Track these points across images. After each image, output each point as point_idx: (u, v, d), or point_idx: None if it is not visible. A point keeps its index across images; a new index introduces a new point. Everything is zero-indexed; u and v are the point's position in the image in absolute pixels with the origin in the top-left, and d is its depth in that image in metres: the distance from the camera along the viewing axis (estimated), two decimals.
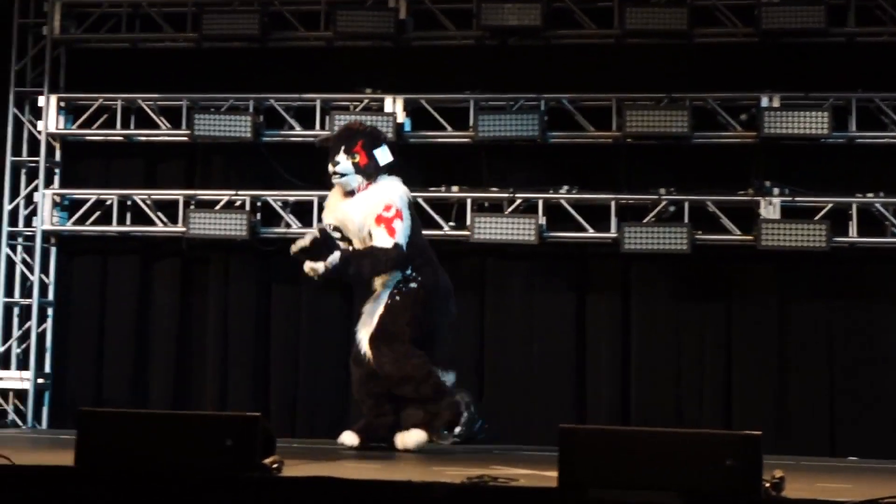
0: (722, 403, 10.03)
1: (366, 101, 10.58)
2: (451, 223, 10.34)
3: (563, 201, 10.21)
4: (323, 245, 8.13)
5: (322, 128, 10.49)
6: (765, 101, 10.01)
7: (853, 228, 9.89)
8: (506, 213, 10.22)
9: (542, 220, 10.14)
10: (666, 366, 10.13)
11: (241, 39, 10.65)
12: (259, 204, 10.57)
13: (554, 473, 5.15)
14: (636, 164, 10.38)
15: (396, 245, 7.99)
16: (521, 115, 10.22)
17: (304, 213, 10.52)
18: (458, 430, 9.62)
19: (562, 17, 10.42)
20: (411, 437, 8.12)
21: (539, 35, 10.35)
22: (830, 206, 9.90)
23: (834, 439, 9.86)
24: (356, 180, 8.17)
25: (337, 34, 10.49)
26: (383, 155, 8.28)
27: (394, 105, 10.47)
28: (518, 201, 10.27)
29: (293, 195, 10.54)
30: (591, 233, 10.18)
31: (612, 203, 10.16)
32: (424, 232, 10.21)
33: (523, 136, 10.19)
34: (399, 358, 8.07)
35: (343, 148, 8.18)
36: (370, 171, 8.19)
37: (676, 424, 9.65)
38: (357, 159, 8.16)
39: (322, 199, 10.25)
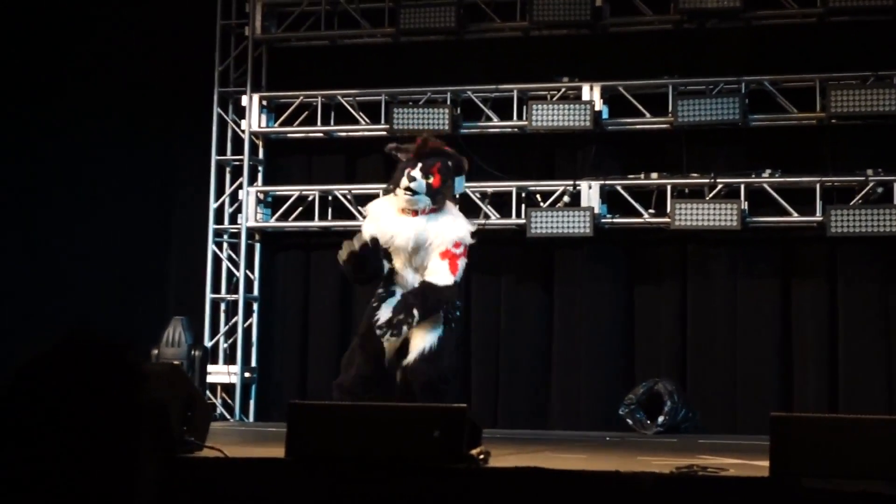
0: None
1: (563, 89, 10.54)
2: (651, 210, 10.24)
3: (765, 185, 10.02)
4: (372, 253, 7.61)
5: (520, 118, 10.50)
6: None
7: None
8: (707, 198, 10.07)
9: (745, 205, 9.96)
10: (875, 351, 9.85)
11: (438, 33, 10.73)
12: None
13: (764, 463, 5.04)
14: (841, 145, 10.13)
15: (456, 283, 7.67)
16: (722, 99, 10.06)
17: (502, 204, 10.53)
18: (661, 419, 9.58)
19: None
20: None
21: (738, 17, 10.17)
22: None
23: None
24: (424, 201, 7.60)
25: (533, 23, 10.48)
26: (459, 185, 7.86)
27: (591, 93, 10.41)
28: (719, 186, 10.11)
29: (492, 186, 10.55)
30: (795, 217, 9.96)
31: (817, 186, 9.92)
32: (626, 220, 10.21)
33: (724, 119, 10.03)
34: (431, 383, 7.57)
35: (420, 165, 7.61)
36: (439, 196, 7.66)
37: (887, 412, 9.37)
38: (431, 180, 7.59)
39: (521, 191, 10.33)
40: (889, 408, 9.61)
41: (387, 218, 7.69)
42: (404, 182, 7.57)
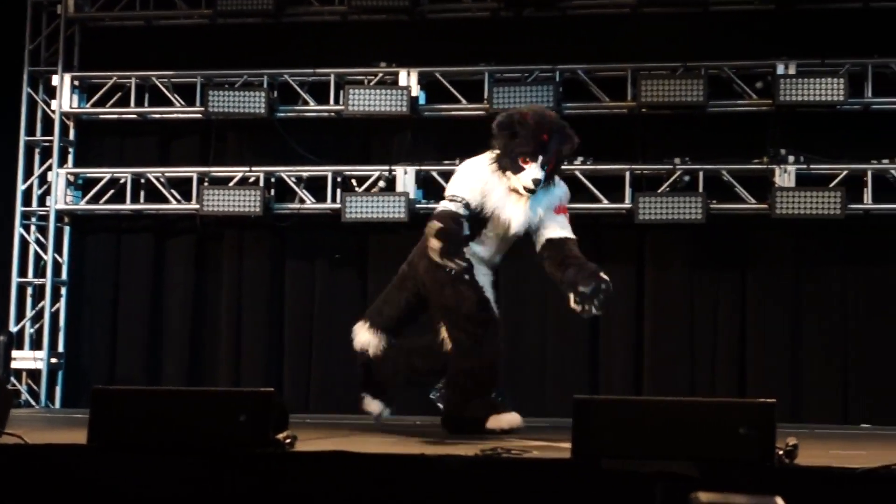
0: (736, 372, 10.01)
1: (380, 74, 10.55)
2: None
3: (577, 172, 10.16)
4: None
5: (336, 102, 10.48)
6: (780, 69, 9.96)
7: (868, 195, 9.84)
8: None
9: None
10: (680, 336, 10.11)
11: (255, 15, 10.64)
12: (273, 180, 10.57)
13: (568, 445, 5.13)
14: (651, 135, 10.35)
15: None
16: (536, 87, 10.18)
17: (318, 188, 10.51)
18: None
19: None
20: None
21: (554, 6, 10.32)
22: (845, 173, 9.85)
23: (847, 407, 9.85)
24: (540, 189, 7.27)
25: (351, 8, 10.47)
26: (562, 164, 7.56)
27: (408, 79, 10.45)
28: None
29: (307, 171, 10.53)
30: (605, 203, 10.15)
31: (627, 173, 10.14)
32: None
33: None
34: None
35: (541, 158, 7.16)
36: (550, 177, 7.32)
37: (690, 394, 9.61)
38: (547, 168, 7.23)
39: (337, 175, 10.32)
40: (691, 390, 9.87)
41: (498, 196, 7.27)
42: (527, 183, 7.14)
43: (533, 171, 7.12)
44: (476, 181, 7.29)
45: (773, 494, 3.91)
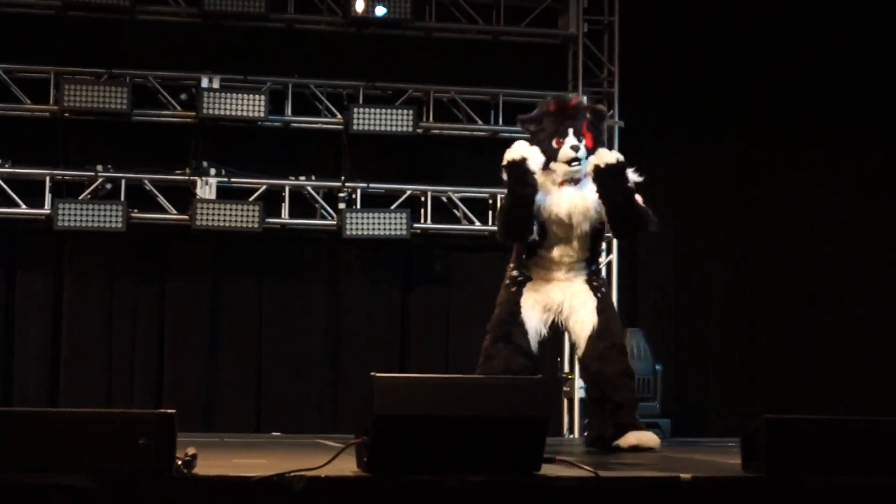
0: (154, 383, 10.06)
1: None
2: None
3: None
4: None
5: None
6: (205, 82, 10.11)
7: (286, 210, 10.17)
8: None
9: None
10: (99, 347, 10.04)
11: None
12: None
13: None
14: (74, 140, 10.22)
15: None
16: None
17: None
18: None
19: None
20: (649, 436, 7.11)
21: None
22: (265, 187, 10.16)
23: (260, 415, 10.15)
24: (586, 167, 7.01)
25: None
26: (601, 139, 7.23)
27: None
28: None
29: None
30: (24, 209, 9.89)
31: (47, 178, 9.93)
32: None
33: None
34: (621, 357, 7.16)
35: (572, 130, 7.01)
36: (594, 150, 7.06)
37: (108, 406, 9.55)
38: (584, 142, 7.03)
39: None
40: (109, 402, 9.79)
41: (551, 193, 7.00)
42: (568, 154, 6.93)
43: (568, 141, 6.99)
44: (532, 157, 6.99)
45: None
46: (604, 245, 10.54)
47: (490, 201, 10.51)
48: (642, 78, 10.78)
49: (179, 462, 5.03)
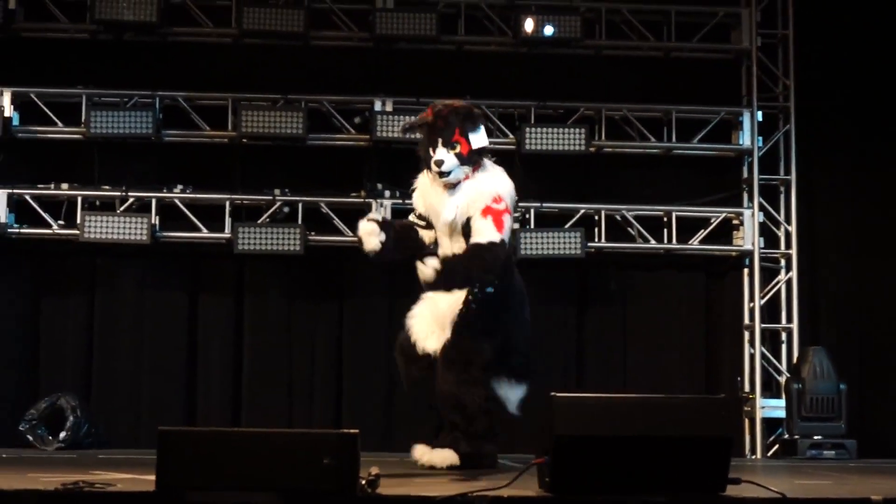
0: (333, 403, 10.17)
1: None
2: (61, 222, 10.06)
3: (176, 200, 10.11)
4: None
5: None
6: (378, 105, 10.23)
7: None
8: (118, 211, 10.02)
9: (156, 220, 10.00)
10: (278, 367, 10.18)
11: None
12: None
13: (154, 477, 5.07)
14: (251, 165, 10.40)
15: (503, 241, 7.09)
16: (136, 112, 10.05)
17: None
18: (63, 434, 9.41)
19: (179, 14, 10.32)
20: (442, 456, 7.23)
21: (155, 31, 10.20)
22: None
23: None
24: (462, 172, 7.19)
25: None
26: (479, 139, 7.29)
27: (1, 98, 10.08)
28: (131, 200, 10.10)
29: None
30: (204, 233, 10.11)
31: (227, 203, 10.13)
32: (34, 230, 9.98)
33: (137, 133, 10.02)
34: (463, 384, 7.14)
35: (441, 141, 7.18)
36: (474, 159, 7.22)
37: (288, 426, 9.69)
38: (458, 149, 7.17)
39: None
40: (289, 422, 9.94)
41: (427, 193, 7.38)
42: (433, 168, 7.18)
43: (437, 153, 7.17)
44: (417, 190, 7.47)
45: None
46: (783, 262, 10.40)
47: (665, 219, 10.41)
48: (819, 92, 10.58)
49: (363, 482, 5.08)
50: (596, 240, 10.31)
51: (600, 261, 10.42)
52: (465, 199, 7.14)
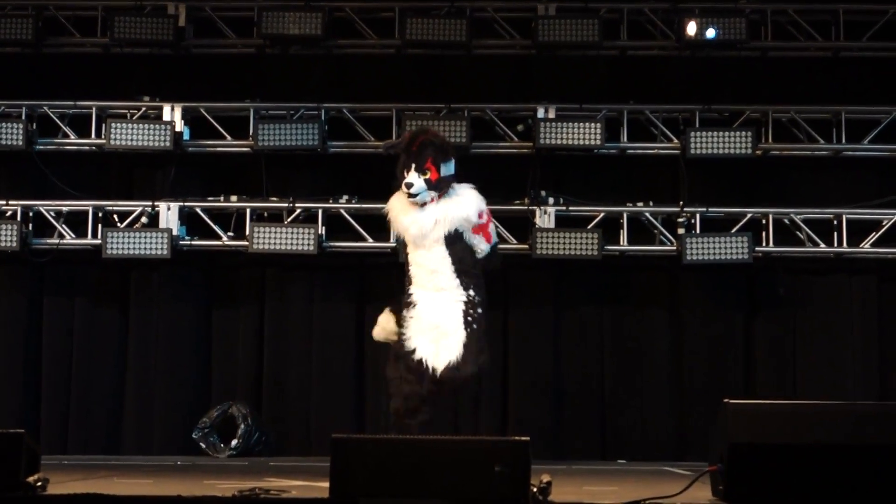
0: (499, 410, 10.16)
1: (143, 108, 10.40)
2: (230, 233, 10.26)
3: (342, 211, 10.22)
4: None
5: (98, 136, 10.28)
6: (541, 113, 10.20)
7: (624, 237, 10.14)
8: (285, 222, 10.17)
9: (322, 230, 10.13)
10: None
11: (14, 45, 10.35)
12: (31, 214, 10.29)
13: (327, 484, 5.13)
14: None
15: (496, 243, 8.46)
16: (302, 125, 10.19)
17: (78, 223, 10.27)
18: (234, 442, 9.60)
19: (343, 27, 10.44)
20: None
21: (320, 44, 10.34)
22: (603, 214, 10.15)
23: (605, 443, 10.11)
24: (428, 196, 8.15)
25: (114, 40, 10.28)
26: (448, 168, 8.25)
27: (172, 113, 10.32)
28: (298, 211, 10.25)
29: (67, 205, 10.29)
30: (370, 242, 10.20)
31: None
32: (204, 242, 10.18)
33: (303, 145, 10.16)
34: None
35: (414, 166, 8.13)
36: (441, 186, 8.18)
37: (454, 433, 9.69)
38: (428, 175, 8.14)
39: (98, 210, 10.12)
40: (455, 430, 9.94)
41: (402, 211, 8.25)
42: (404, 189, 8.14)
43: (408, 178, 8.11)
44: (391, 213, 8.43)
45: None
46: None
47: (835, 222, 10.19)
48: None
49: (535, 489, 5.07)
50: (763, 244, 10.14)
51: (768, 265, 10.24)
52: (445, 213, 8.11)
